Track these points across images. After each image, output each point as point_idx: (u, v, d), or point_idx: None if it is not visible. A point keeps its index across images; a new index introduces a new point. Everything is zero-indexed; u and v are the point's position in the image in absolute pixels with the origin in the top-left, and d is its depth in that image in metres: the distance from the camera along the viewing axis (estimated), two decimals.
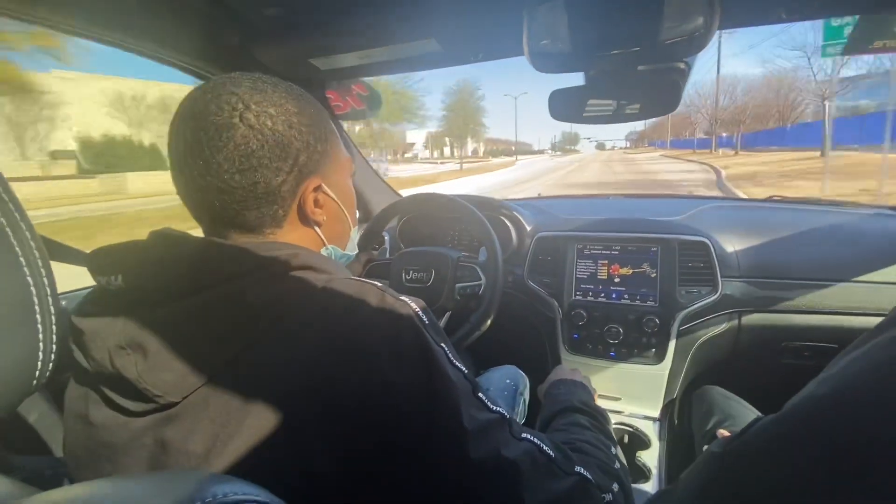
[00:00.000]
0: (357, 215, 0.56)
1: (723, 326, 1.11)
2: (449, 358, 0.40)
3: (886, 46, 0.79)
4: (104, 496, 0.23)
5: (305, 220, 0.46)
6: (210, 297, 0.36)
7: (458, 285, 1.00)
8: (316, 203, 0.46)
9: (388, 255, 1.29)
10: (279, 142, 0.41)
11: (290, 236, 0.45)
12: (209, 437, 0.34)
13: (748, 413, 0.94)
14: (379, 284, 0.41)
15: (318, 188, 0.45)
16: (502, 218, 1.31)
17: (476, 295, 1.00)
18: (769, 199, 1.40)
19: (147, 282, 0.37)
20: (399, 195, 1.60)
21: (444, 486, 0.37)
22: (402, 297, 0.40)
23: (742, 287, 1.09)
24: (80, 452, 0.39)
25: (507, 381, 1.07)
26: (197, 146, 0.39)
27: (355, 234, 0.57)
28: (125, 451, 0.36)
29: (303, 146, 0.43)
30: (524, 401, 1.06)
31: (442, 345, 0.40)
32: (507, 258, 1.22)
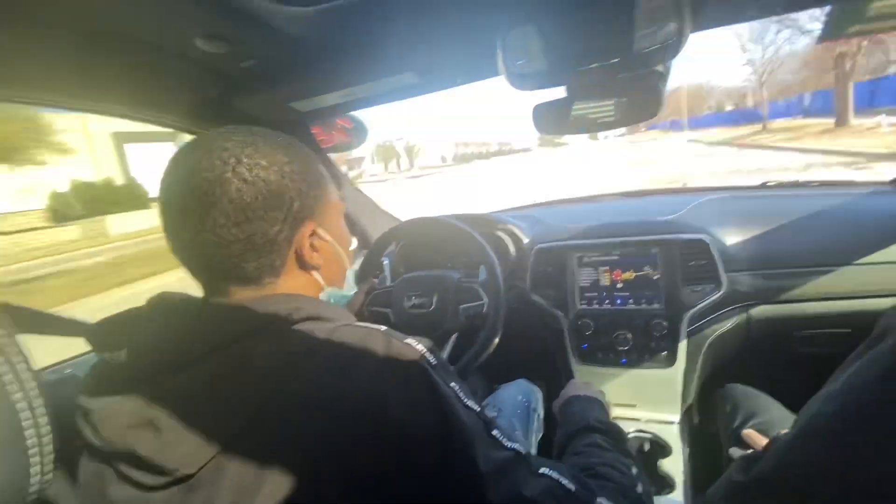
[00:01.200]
0: (352, 251, 0.56)
1: (732, 322, 1.10)
2: (460, 398, 0.40)
3: (861, 31, 0.79)
4: None
5: (303, 265, 0.46)
6: (217, 364, 0.36)
7: (461, 307, 1.00)
8: (312, 247, 0.46)
9: (388, 282, 1.29)
10: (273, 192, 0.41)
11: (289, 284, 0.45)
12: (233, 499, 0.34)
13: (772, 408, 0.93)
14: (383, 329, 0.41)
15: (313, 233, 0.46)
16: (498, 233, 1.31)
17: (480, 314, 0.99)
18: (762, 186, 1.39)
19: (151, 354, 0.37)
20: (397, 220, 1.60)
21: None
22: (408, 340, 0.41)
23: (747, 280, 1.08)
24: None
25: (520, 397, 1.06)
26: (191, 202, 0.39)
27: (351, 274, 0.56)
28: None
29: (296, 194, 0.43)
30: (538, 416, 1.05)
31: (452, 385, 0.40)
32: (507, 273, 1.21)
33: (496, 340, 0.95)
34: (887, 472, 0.31)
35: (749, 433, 0.86)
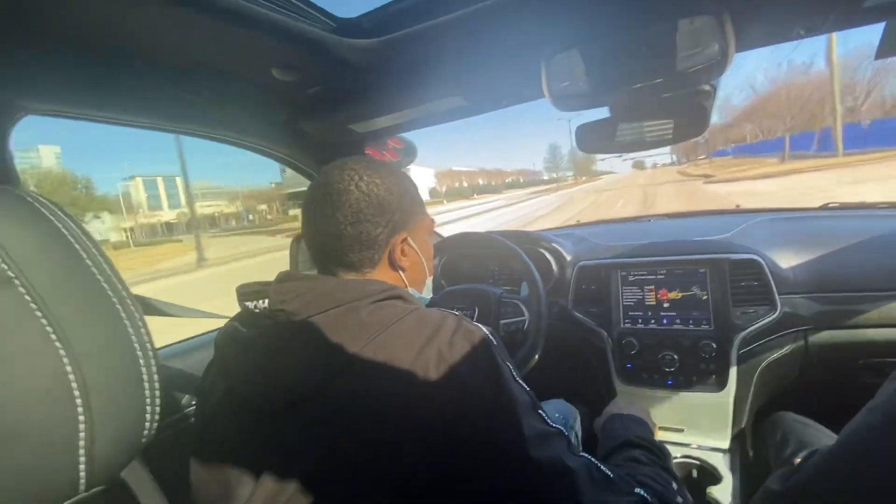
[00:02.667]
0: (433, 265, 0.68)
1: (788, 347, 1.04)
2: (513, 375, 0.47)
3: None
4: None
5: (393, 265, 0.58)
6: (332, 316, 0.46)
7: (502, 322, 1.02)
8: (402, 252, 0.57)
9: (431, 294, 1.33)
10: (381, 203, 0.54)
11: (381, 276, 0.56)
12: (325, 424, 0.42)
13: (827, 439, 0.87)
14: (457, 313, 0.51)
15: (404, 241, 0.57)
16: (541, 250, 1.33)
17: (521, 330, 1.00)
18: (824, 208, 1.32)
19: (285, 306, 0.47)
20: (440, 235, 1.66)
21: (507, 485, 0.41)
22: (476, 323, 0.50)
23: (804, 303, 1.03)
24: (218, 459, 0.48)
25: (557, 415, 1.05)
26: (323, 204, 0.53)
27: (430, 282, 0.67)
28: (259, 448, 0.45)
29: (397, 207, 0.55)
30: (576, 434, 1.04)
31: (508, 363, 0.48)
32: (549, 290, 1.22)
33: (536, 357, 0.96)
34: None
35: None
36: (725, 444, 1.04)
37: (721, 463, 1.00)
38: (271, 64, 0.75)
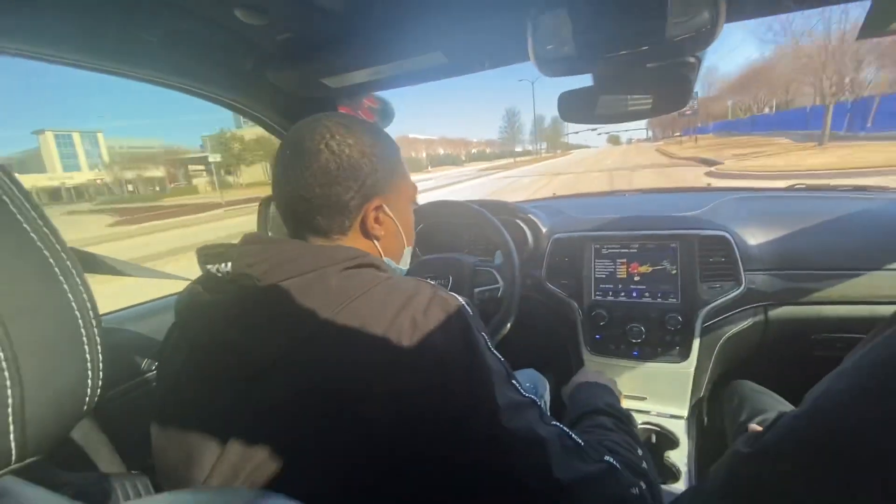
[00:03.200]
0: (413, 236, 0.64)
1: (749, 321, 1.09)
2: (488, 345, 0.46)
3: None
4: None
5: (366, 232, 0.55)
6: (301, 283, 0.44)
7: (476, 290, 1.01)
8: (376, 220, 0.54)
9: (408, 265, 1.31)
10: (353, 165, 0.50)
11: (353, 244, 0.53)
12: (293, 393, 0.40)
13: (780, 407, 0.92)
14: (432, 282, 0.49)
15: (378, 208, 0.54)
16: (517, 221, 1.32)
17: (495, 299, 1.00)
18: (791, 188, 1.36)
19: (253, 269, 0.44)
20: (415, 203, 1.62)
21: (480, 455, 0.41)
22: (451, 293, 0.48)
23: (767, 280, 1.06)
24: (178, 428, 0.45)
25: (528, 384, 1.07)
26: (292, 165, 0.50)
27: (408, 253, 0.64)
28: (225, 415, 0.42)
29: (370, 171, 0.52)
30: (545, 403, 1.06)
31: (483, 333, 0.47)
32: (524, 261, 1.22)
33: (509, 325, 0.96)
34: (890, 448, 0.31)
35: (755, 427, 0.85)
36: (684, 412, 1.09)
37: (679, 429, 1.05)
38: (234, 2, 0.68)
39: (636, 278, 1.14)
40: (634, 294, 1.13)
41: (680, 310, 1.07)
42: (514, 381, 0.46)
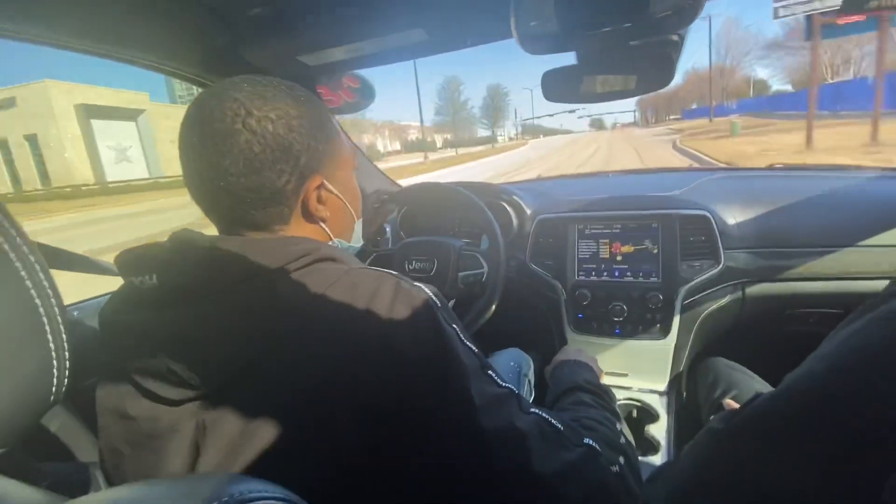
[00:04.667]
0: (361, 207, 0.58)
1: (727, 298, 1.11)
2: (460, 338, 0.43)
3: (881, 6, 0.77)
4: (127, 500, 0.24)
5: (310, 216, 0.48)
6: (246, 291, 0.38)
7: (461, 274, 1.01)
8: (319, 200, 0.48)
9: (389, 245, 1.30)
10: (281, 145, 0.43)
11: (297, 232, 0.47)
12: (243, 419, 0.36)
13: (753, 383, 0.96)
14: (394, 273, 0.44)
15: (320, 186, 0.47)
16: (502, 203, 1.31)
17: (479, 282, 1.00)
18: (770, 168, 1.38)
19: (182, 279, 0.39)
20: (398, 185, 1.60)
21: (459, 457, 0.39)
22: (416, 284, 0.44)
23: (745, 258, 1.09)
24: (121, 448, 0.41)
25: (511, 363, 1.09)
26: (204, 151, 0.41)
27: (358, 227, 0.58)
28: (169, 438, 0.38)
29: (303, 147, 0.44)
30: (529, 382, 1.08)
31: (454, 326, 0.43)
32: (508, 243, 1.22)
33: (492, 308, 0.97)
34: (860, 429, 0.32)
35: (728, 402, 0.88)
36: (663, 387, 1.12)
37: (658, 404, 1.08)
38: None
39: (619, 258, 1.15)
40: (617, 273, 1.15)
41: (661, 288, 1.09)
42: (489, 372, 0.43)
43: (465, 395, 0.39)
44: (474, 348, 0.44)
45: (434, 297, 0.43)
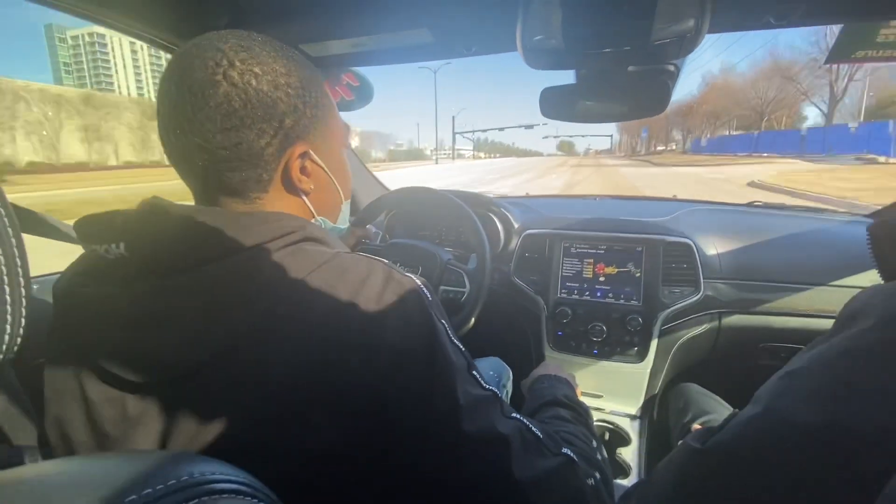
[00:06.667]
0: (350, 187, 0.54)
1: (704, 327, 1.13)
2: (448, 334, 0.41)
3: (868, 56, 0.81)
4: (58, 473, 0.22)
5: (291, 187, 0.44)
6: (224, 269, 0.36)
7: (442, 287, 1.00)
8: (303, 170, 0.44)
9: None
10: (263, 102, 0.39)
11: (277, 203, 0.44)
12: (214, 407, 0.34)
13: (723, 409, 0.97)
14: (385, 261, 0.42)
15: (304, 154, 0.44)
16: (491, 215, 1.31)
17: (458, 301, 0.98)
18: (751, 204, 1.43)
19: (154, 251, 0.36)
20: (387, 188, 1.59)
21: (437, 457, 0.38)
22: (408, 274, 0.41)
23: (723, 288, 1.11)
24: (74, 434, 0.37)
25: (491, 372, 1.07)
26: (180, 103, 0.38)
27: (346, 208, 0.55)
28: (134, 426, 0.35)
29: (289, 109, 0.41)
30: (507, 392, 1.07)
31: (443, 321, 0.41)
32: (494, 255, 1.22)
33: (465, 329, 0.95)
34: (849, 445, 0.32)
35: (698, 428, 0.89)
36: (636, 411, 1.12)
37: (630, 427, 1.08)
38: None
39: (601, 278, 1.16)
40: (598, 294, 1.15)
41: (641, 312, 1.09)
42: (474, 373, 0.42)
43: (450, 393, 0.38)
44: (462, 347, 0.42)
45: (425, 290, 0.41)
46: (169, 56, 0.90)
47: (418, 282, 0.41)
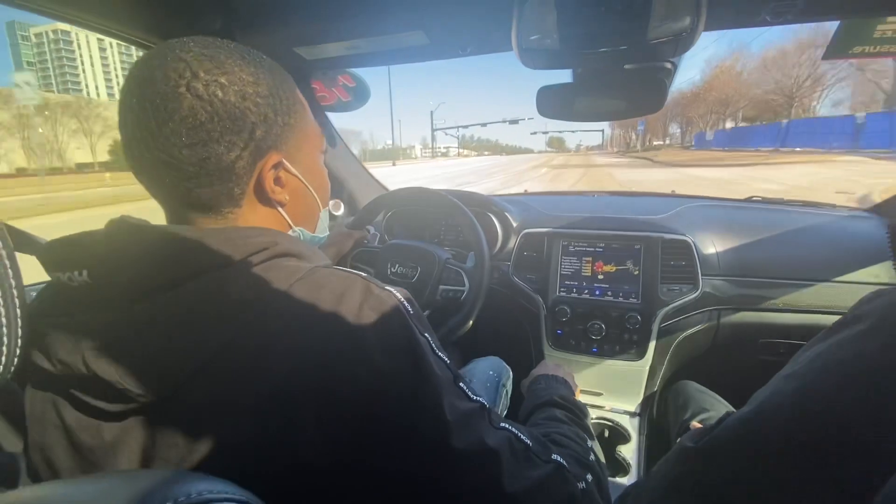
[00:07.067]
0: (328, 194, 0.53)
1: (703, 324, 1.13)
2: (432, 348, 0.40)
3: (865, 52, 0.81)
4: (59, 496, 0.22)
5: (266, 199, 0.43)
6: (191, 291, 0.34)
7: (441, 287, 1.00)
8: (277, 181, 0.43)
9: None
10: (231, 114, 0.37)
11: (251, 217, 0.42)
12: (194, 431, 0.33)
13: (722, 407, 0.97)
14: (363, 275, 0.40)
15: (278, 165, 0.42)
16: (490, 214, 1.31)
17: (457, 300, 0.99)
18: (749, 200, 1.42)
19: (118, 276, 0.34)
20: (385, 188, 1.59)
21: (426, 474, 0.37)
22: (388, 288, 0.40)
23: (722, 285, 1.11)
24: (60, 459, 0.37)
25: (491, 372, 1.08)
26: (143, 117, 0.36)
27: (325, 216, 0.53)
28: (113, 452, 0.35)
29: (259, 119, 0.39)
30: (506, 392, 1.07)
31: (426, 335, 0.40)
32: (493, 255, 1.22)
33: (467, 326, 0.95)
34: (841, 450, 0.32)
35: (695, 425, 0.89)
36: (635, 408, 1.12)
37: (630, 424, 1.08)
38: None
39: (600, 277, 1.16)
40: (597, 292, 1.15)
41: (639, 310, 1.10)
42: (461, 384, 0.41)
43: (436, 410, 0.37)
44: (446, 359, 0.41)
45: (406, 303, 0.40)
46: None
47: (399, 295, 0.40)
